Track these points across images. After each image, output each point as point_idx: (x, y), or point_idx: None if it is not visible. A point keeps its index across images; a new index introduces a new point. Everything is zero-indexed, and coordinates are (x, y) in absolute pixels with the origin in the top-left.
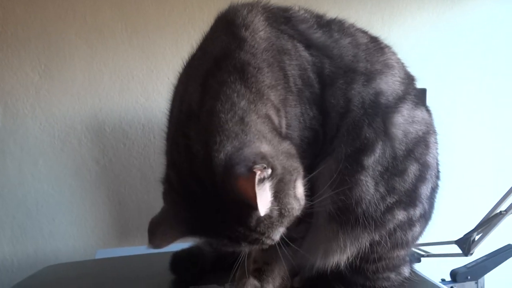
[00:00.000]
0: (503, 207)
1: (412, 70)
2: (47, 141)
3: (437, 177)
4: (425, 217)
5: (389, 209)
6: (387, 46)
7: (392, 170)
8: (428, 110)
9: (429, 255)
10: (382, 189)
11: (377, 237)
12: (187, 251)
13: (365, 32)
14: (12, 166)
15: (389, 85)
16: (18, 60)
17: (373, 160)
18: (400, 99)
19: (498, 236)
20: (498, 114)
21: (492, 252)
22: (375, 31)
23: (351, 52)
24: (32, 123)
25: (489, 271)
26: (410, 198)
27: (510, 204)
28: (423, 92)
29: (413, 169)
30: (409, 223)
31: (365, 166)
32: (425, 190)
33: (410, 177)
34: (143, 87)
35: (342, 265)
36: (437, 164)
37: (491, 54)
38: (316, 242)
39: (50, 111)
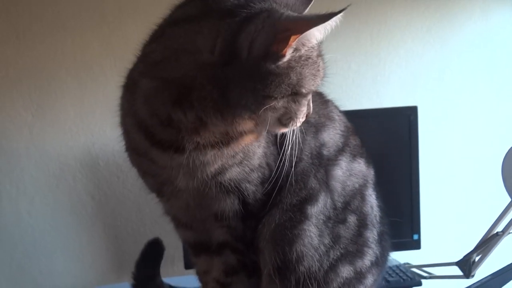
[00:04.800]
0: (499, 228)
1: (403, 87)
2: (42, 179)
3: (381, 223)
4: (378, 263)
5: (333, 267)
6: (330, 100)
7: (335, 219)
8: (367, 162)
9: (431, 276)
10: (327, 240)
11: None
12: None
13: None
14: (9, 206)
15: (331, 137)
16: (10, 100)
17: (316, 210)
18: (340, 151)
19: (503, 255)
20: (493, 130)
21: (497, 271)
22: (364, 49)
23: None
24: (27, 162)
25: None
26: (357, 246)
27: (506, 225)
28: (414, 109)
29: (352, 219)
30: (358, 277)
31: (308, 215)
32: (370, 234)
33: (352, 225)
34: None
35: None
36: (379, 209)
37: (483, 68)
38: None
39: (44, 149)
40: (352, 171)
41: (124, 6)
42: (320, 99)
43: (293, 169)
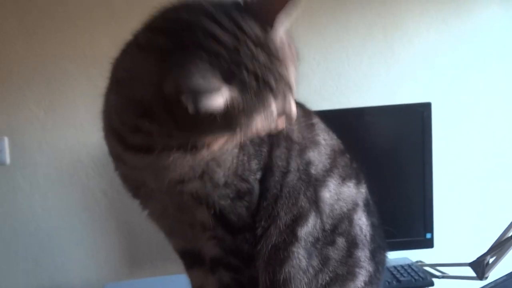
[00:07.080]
0: None
1: (417, 81)
2: (55, 176)
3: (373, 240)
4: (372, 282)
5: None
6: (317, 123)
7: (324, 240)
8: (357, 181)
9: (444, 276)
10: (315, 262)
11: None
12: None
13: (300, 106)
14: (23, 201)
15: (316, 157)
16: (22, 97)
17: (306, 231)
18: (327, 171)
19: None
20: (509, 127)
21: None
22: (376, 42)
23: None
24: (39, 159)
25: None
26: (347, 268)
27: None
28: (427, 106)
29: (341, 240)
30: None
31: (298, 237)
32: (362, 253)
33: (341, 246)
34: None
35: None
36: (370, 228)
37: (502, 62)
38: None
39: (57, 145)
40: (340, 195)
41: (132, 1)
42: (306, 121)
43: (282, 179)
